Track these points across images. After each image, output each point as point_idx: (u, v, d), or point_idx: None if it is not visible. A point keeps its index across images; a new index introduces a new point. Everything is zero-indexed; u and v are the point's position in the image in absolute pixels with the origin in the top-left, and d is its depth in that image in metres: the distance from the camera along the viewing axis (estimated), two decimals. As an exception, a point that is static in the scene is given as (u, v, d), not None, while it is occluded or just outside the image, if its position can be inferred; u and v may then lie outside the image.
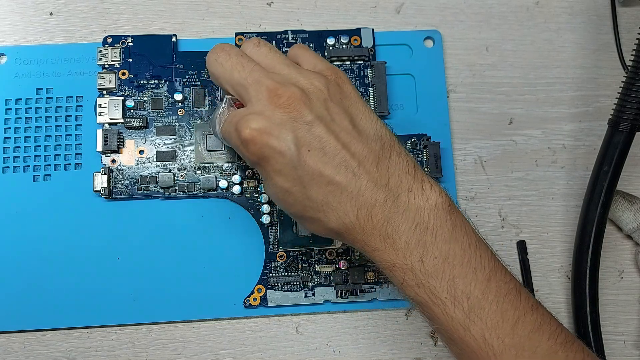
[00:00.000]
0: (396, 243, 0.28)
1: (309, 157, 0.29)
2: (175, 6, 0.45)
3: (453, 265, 0.28)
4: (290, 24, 0.45)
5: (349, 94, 0.32)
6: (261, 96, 0.30)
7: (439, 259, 0.28)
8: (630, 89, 0.37)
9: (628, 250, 0.42)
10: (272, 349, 0.39)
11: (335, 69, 0.32)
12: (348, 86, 0.32)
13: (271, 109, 0.29)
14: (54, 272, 0.39)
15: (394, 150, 0.30)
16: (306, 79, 0.31)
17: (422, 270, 0.28)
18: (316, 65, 0.33)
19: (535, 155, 0.43)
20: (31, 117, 0.41)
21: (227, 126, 0.31)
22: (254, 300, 0.39)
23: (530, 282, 0.41)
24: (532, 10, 0.46)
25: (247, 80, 0.30)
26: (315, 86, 0.30)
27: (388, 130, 0.31)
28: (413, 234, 0.28)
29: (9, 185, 0.40)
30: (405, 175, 0.29)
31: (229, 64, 0.31)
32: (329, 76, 0.31)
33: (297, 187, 0.29)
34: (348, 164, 0.29)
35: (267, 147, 0.29)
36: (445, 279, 0.28)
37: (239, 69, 0.31)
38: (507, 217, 0.42)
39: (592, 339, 0.38)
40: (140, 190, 0.40)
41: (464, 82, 0.44)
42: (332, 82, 0.31)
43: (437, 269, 0.28)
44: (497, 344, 0.27)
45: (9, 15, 0.44)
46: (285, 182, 0.29)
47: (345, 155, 0.29)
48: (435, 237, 0.28)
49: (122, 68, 0.41)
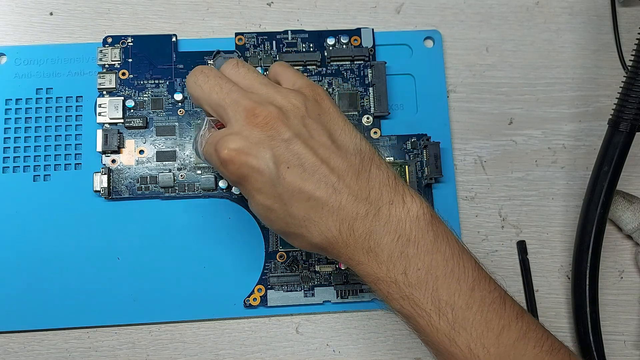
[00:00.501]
0: (379, 256, 0.28)
1: (288, 174, 0.29)
2: (175, 6, 0.45)
3: (436, 277, 0.28)
4: (290, 24, 0.45)
5: (328, 110, 0.32)
6: (239, 116, 0.30)
7: (422, 270, 0.28)
8: (630, 89, 0.37)
9: (628, 250, 0.42)
10: (272, 349, 0.39)
11: (314, 86, 0.33)
12: (326, 102, 0.32)
13: (249, 129, 0.29)
14: (54, 272, 0.39)
15: (374, 163, 0.30)
16: (284, 97, 0.31)
17: (405, 283, 0.28)
18: (295, 83, 0.33)
19: (535, 155, 0.43)
20: (31, 117, 0.41)
21: (208, 147, 0.32)
22: (254, 300, 0.39)
23: (530, 282, 0.41)
24: (532, 10, 0.46)
25: (225, 101, 0.31)
26: (292, 104, 0.30)
27: (368, 143, 0.31)
28: (395, 246, 0.28)
29: (9, 185, 0.40)
30: (385, 187, 0.29)
31: (207, 86, 0.32)
32: (307, 93, 0.32)
33: (278, 204, 0.29)
34: (328, 179, 0.29)
35: (246, 167, 0.29)
36: (428, 290, 0.28)
37: (217, 90, 0.31)
38: (507, 217, 0.42)
39: (592, 339, 0.38)
40: (140, 190, 0.40)
41: (464, 82, 0.44)
42: (310, 99, 0.31)
43: (420, 280, 0.28)
44: (482, 354, 0.27)
45: (9, 15, 0.44)
46: (266, 200, 0.30)
47: (325, 170, 0.29)
48: (417, 248, 0.28)
49: (122, 68, 0.41)
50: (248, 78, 0.32)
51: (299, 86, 0.33)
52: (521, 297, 0.41)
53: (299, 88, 0.32)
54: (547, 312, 0.41)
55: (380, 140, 0.42)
